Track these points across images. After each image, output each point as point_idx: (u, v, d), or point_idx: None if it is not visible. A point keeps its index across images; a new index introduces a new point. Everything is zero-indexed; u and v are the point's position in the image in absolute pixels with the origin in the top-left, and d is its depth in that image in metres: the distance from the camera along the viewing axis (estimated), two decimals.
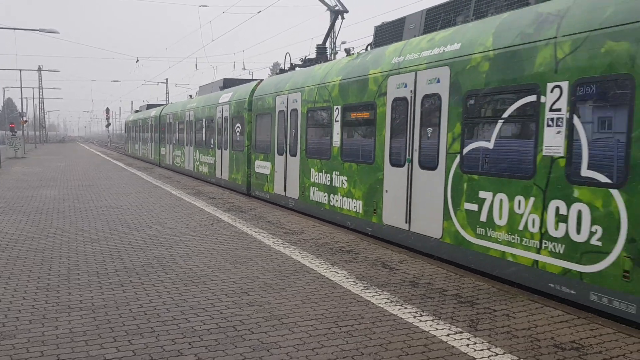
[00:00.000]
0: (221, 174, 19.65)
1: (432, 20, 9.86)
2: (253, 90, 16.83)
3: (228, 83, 22.21)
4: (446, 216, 8.26)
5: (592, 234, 6.05)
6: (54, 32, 29.95)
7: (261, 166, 15.80)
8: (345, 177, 11.20)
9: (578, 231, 6.21)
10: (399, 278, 7.14)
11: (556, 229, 6.45)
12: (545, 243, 6.60)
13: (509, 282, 7.12)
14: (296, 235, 9.96)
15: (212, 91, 23.50)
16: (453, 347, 4.87)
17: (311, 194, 12.67)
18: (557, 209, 6.44)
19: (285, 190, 14.14)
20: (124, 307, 5.84)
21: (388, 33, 11.10)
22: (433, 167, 8.55)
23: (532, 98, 6.81)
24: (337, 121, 11.48)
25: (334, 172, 11.62)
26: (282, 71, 16.46)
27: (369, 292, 6.47)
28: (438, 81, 8.48)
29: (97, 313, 5.63)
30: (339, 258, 8.22)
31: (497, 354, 4.73)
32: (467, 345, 4.92)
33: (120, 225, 10.71)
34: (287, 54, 16.48)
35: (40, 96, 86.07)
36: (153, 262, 7.80)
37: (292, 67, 16.10)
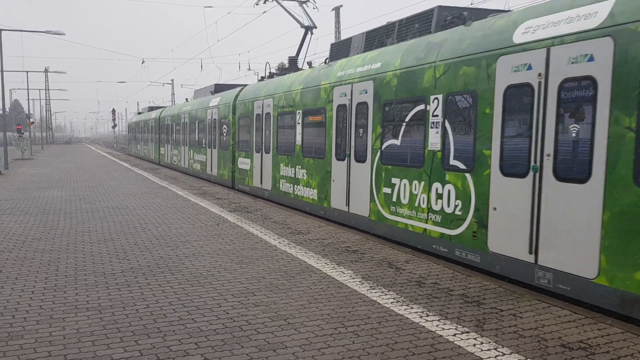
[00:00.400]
0: (211, 171, 21.75)
1: (370, 41, 11.72)
2: (237, 96, 18.89)
3: (218, 88, 24.20)
4: (372, 198, 10.36)
5: (456, 206, 8.17)
6: (60, 33, 30.07)
7: (243, 163, 17.96)
8: (305, 170, 13.27)
9: (448, 205, 8.33)
10: (405, 278, 7.13)
11: (436, 204, 8.61)
12: (430, 215, 8.77)
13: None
14: (302, 236, 9.96)
15: (205, 95, 25.38)
16: (460, 347, 4.86)
17: (281, 185, 14.69)
18: (437, 189, 8.60)
19: (261, 183, 16.22)
20: (130, 307, 5.86)
21: (339, 50, 13.11)
22: (363, 160, 10.63)
23: (422, 107, 8.91)
24: (299, 123, 13.51)
25: (297, 166, 13.68)
26: (262, 79, 18.44)
27: (375, 292, 6.46)
28: (366, 92, 10.51)
29: (104, 313, 5.65)
30: (345, 258, 8.21)
31: (504, 354, 4.71)
32: (474, 345, 4.90)
33: (126, 226, 10.74)
34: (267, 64, 18.66)
35: (47, 97, 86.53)
36: (159, 263, 7.82)
37: (271, 75, 18.01)
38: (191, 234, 9.94)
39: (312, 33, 17.67)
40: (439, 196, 8.49)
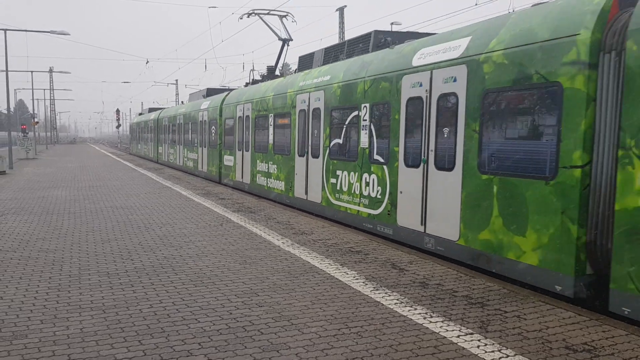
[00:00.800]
0: (202, 167, 23.92)
1: (328, 56, 13.91)
2: (223, 100, 21.01)
3: (210, 92, 26.40)
4: (323, 188, 12.42)
5: (377, 191, 10.22)
6: (65, 33, 30.14)
7: (228, 160, 20.11)
8: (275, 166, 15.31)
9: (373, 190, 10.36)
10: (409, 279, 7.12)
11: (365, 190, 10.66)
12: (361, 199, 10.81)
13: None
14: (305, 236, 9.96)
15: (198, 99, 27.77)
16: (463, 348, 4.85)
17: (257, 179, 16.83)
18: (365, 178, 10.64)
19: (242, 177, 18.40)
20: (134, 307, 5.87)
21: (305, 62, 15.26)
22: (317, 156, 12.69)
23: (356, 113, 10.98)
24: (271, 125, 15.55)
25: (270, 162, 15.74)
26: (246, 84, 20.82)
27: (379, 293, 6.45)
28: (319, 100, 12.57)
29: (107, 313, 5.66)
30: (349, 259, 8.21)
31: (507, 356, 4.69)
32: (478, 346, 4.89)
33: (130, 226, 10.76)
34: (251, 71, 21.91)
35: (52, 97, 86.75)
36: (163, 263, 7.83)
37: (254, 81, 20.26)
38: (195, 234, 9.95)
39: (288, 45, 20.04)
40: (367, 184, 10.60)
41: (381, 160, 10.08)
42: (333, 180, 11.90)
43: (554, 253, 6.49)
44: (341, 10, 38.34)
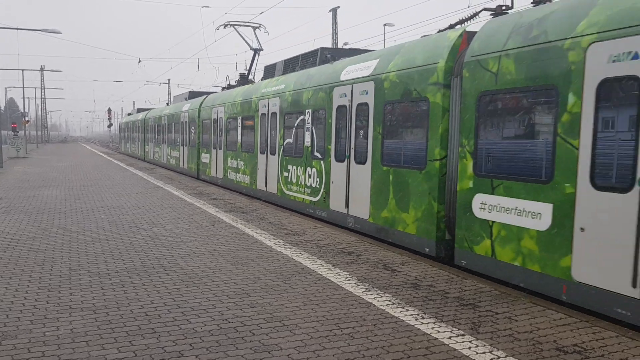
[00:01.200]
0: (183, 165, 26.17)
1: (286, 67, 16.01)
2: (201, 103, 23.07)
3: (192, 95, 28.74)
4: (278, 180, 14.52)
5: (316, 182, 12.30)
6: (57, 32, 29.95)
7: (205, 157, 22.21)
8: (242, 162, 17.49)
9: (314, 182, 12.43)
10: (401, 280, 7.13)
11: (308, 181, 12.73)
12: (305, 189, 12.87)
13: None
14: (298, 237, 9.95)
15: (181, 101, 29.78)
16: (455, 349, 4.86)
17: (228, 174, 19.00)
18: (308, 172, 12.72)
19: (216, 173, 20.49)
20: (125, 307, 5.83)
21: (269, 71, 17.38)
22: (275, 154, 14.76)
23: (302, 117, 13.06)
24: (240, 126, 17.72)
25: (238, 159, 17.91)
26: (223, 89, 23.08)
27: (371, 294, 6.45)
28: (276, 105, 14.73)
29: (98, 314, 5.62)
30: (341, 260, 8.21)
31: (499, 357, 4.71)
32: (469, 348, 4.90)
33: (121, 226, 10.71)
34: (227, 77, 23.32)
35: (43, 96, 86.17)
36: (154, 263, 7.79)
37: (230, 86, 22.24)
38: (186, 234, 9.92)
39: (259, 54, 22.16)
40: (309, 176, 12.63)
41: (319, 156, 12.19)
42: (285, 174, 14.02)
43: (424, 224, 8.65)
44: (334, 11, 38.37)
